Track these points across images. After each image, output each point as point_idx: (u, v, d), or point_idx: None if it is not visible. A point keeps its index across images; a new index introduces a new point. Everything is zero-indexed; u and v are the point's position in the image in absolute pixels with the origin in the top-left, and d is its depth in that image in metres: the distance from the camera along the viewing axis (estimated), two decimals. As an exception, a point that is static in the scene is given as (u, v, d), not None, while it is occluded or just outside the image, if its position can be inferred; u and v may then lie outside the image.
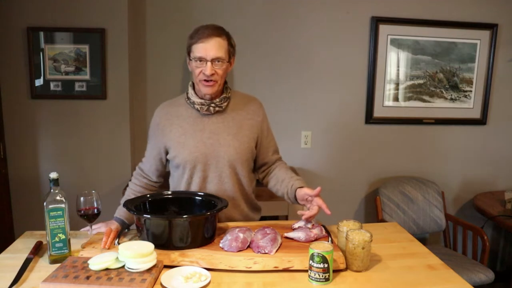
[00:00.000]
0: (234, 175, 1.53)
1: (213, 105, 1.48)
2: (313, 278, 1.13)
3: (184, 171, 1.53)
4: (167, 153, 1.56)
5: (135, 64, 2.60)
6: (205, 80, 1.42)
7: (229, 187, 1.53)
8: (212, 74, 1.41)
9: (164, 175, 1.66)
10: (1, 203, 2.46)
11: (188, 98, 1.52)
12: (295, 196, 1.47)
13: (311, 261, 1.13)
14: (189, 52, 1.45)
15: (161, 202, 1.46)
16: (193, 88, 1.52)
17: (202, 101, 1.49)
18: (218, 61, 1.41)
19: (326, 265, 1.11)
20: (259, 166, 1.65)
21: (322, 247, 1.13)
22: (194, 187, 1.53)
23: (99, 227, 1.42)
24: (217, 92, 1.49)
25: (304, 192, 1.42)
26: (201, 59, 1.40)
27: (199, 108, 1.49)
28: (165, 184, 1.69)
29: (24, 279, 1.14)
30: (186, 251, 1.23)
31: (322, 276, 1.12)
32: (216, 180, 1.52)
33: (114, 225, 1.40)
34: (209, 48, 1.39)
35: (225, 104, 1.51)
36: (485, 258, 2.41)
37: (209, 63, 1.39)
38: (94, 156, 2.55)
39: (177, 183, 1.57)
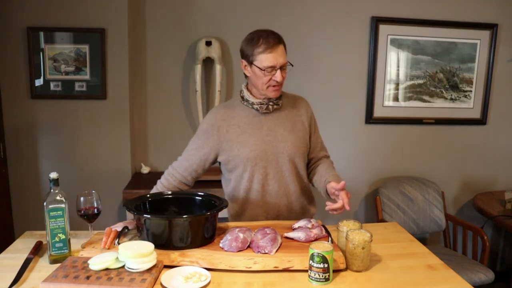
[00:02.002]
0: (294, 169, 1.59)
1: (271, 103, 1.56)
2: (313, 278, 1.13)
3: (244, 169, 1.55)
4: (216, 155, 1.58)
5: (135, 64, 2.60)
6: (273, 86, 1.50)
7: (290, 181, 1.59)
8: (282, 80, 1.49)
9: (197, 180, 1.65)
10: (1, 203, 2.46)
11: (245, 100, 1.57)
12: (326, 191, 1.51)
13: (311, 261, 1.13)
14: (252, 60, 1.48)
15: (161, 202, 1.46)
16: (247, 90, 1.58)
17: (261, 100, 1.55)
18: (284, 67, 1.50)
19: (326, 265, 1.11)
20: (306, 163, 1.69)
21: (322, 247, 1.13)
22: (256, 185, 1.57)
23: (116, 226, 1.42)
24: None
25: (331, 185, 1.45)
26: (272, 68, 1.46)
27: (258, 108, 1.55)
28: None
29: (24, 279, 1.14)
30: (186, 251, 1.23)
31: (322, 276, 1.12)
32: (278, 175, 1.57)
33: (132, 224, 1.40)
34: (278, 57, 1.46)
35: (281, 102, 1.60)
36: (485, 258, 2.41)
37: (279, 71, 1.47)
38: (94, 156, 2.55)
39: (236, 184, 1.59)
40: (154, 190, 1.62)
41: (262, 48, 1.45)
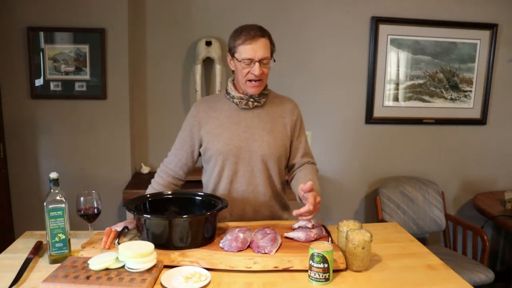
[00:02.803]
0: (265, 171, 1.55)
1: (252, 99, 1.53)
2: (313, 278, 1.13)
3: (216, 163, 1.54)
4: (200, 146, 1.58)
5: (135, 64, 2.60)
6: (252, 81, 1.47)
7: (260, 182, 1.55)
8: (260, 74, 1.45)
9: (190, 173, 1.65)
10: (1, 203, 2.46)
11: (228, 93, 1.56)
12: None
13: (311, 261, 1.13)
14: (233, 53, 1.48)
15: (161, 202, 1.46)
16: (233, 84, 1.56)
17: (242, 95, 1.53)
18: (265, 61, 1.45)
19: (326, 265, 1.11)
20: (288, 168, 1.65)
21: (322, 247, 1.13)
22: (224, 180, 1.55)
23: (116, 226, 1.42)
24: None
25: (300, 187, 1.37)
26: (249, 60, 1.43)
27: (238, 102, 1.53)
28: (186, 185, 1.68)
29: (24, 279, 1.14)
30: (186, 251, 1.23)
31: (322, 276, 1.12)
32: (247, 174, 1.54)
33: (132, 224, 1.40)
34: (257, 49, 1.43)
35: (263, 100, 1.55)
36: (485, 258, 2.41)
37: (257, 64, 1.43)
38: (94, 156, 2.55)
39: (208, 178, 1.59)
40: (150, 189, 1.62)
41: (242, 39, 1.44)
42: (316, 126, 2.83)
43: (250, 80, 1.47)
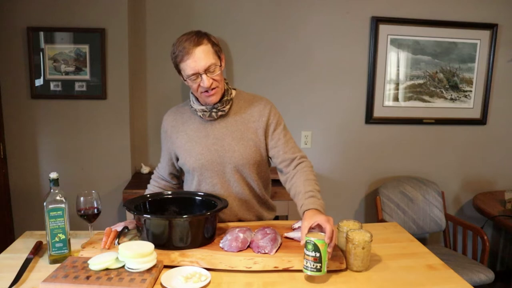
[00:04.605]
0: (242, 179, 1.51)
1: (215, 110, 1.45)
2: (304, 267, 1.12)
3: (193, 177, 1.54)
4: (177, 159, 1.58)
5: (135, 64, 2.60)
6: (206, 92, 1.40)
7: (240, 190, 1.52)
8: (211, 84, 1.37)
9: (181, 177, 1.68)
10: (1, 203, 2.46)
11: (191, 106, 1.51)
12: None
13: (305, 249, 1.12)
14: (179, 71, 1.41)
15: (161, 202, 1.46)
16: (194, 96, 1.49)
17: (204, 107, 1.46)
18: (212, 69, 1.37)
19: (317, 254, 1.10)
20: (279, 169, 1.53)
21: (316, 236, 1.12)
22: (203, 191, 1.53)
23: (116, 226, 1.42)
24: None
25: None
26: (195, 75, 1.36)
27: (201, 115, 1.48)
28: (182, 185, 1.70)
29: (24, 279, 1.14)
30: (186, 251, 1.24)
31: (313, 265, 1.10)
32: (226, 185, 1.51)
33: (132, 224, 1.40)
34: (197, 60, 1.34)
35: (228, 107, 1.47)
36: (485, 258, 2.41)
37: (204, 75, 1.35)
38: (94, 156, 2.55)
39: (189, 187, 1.59)
40: (147, 193, 1.62)
41: (179, 57, 1.36)
42: (316, 126, 2.83)
43: (205, 91, 1.39)
